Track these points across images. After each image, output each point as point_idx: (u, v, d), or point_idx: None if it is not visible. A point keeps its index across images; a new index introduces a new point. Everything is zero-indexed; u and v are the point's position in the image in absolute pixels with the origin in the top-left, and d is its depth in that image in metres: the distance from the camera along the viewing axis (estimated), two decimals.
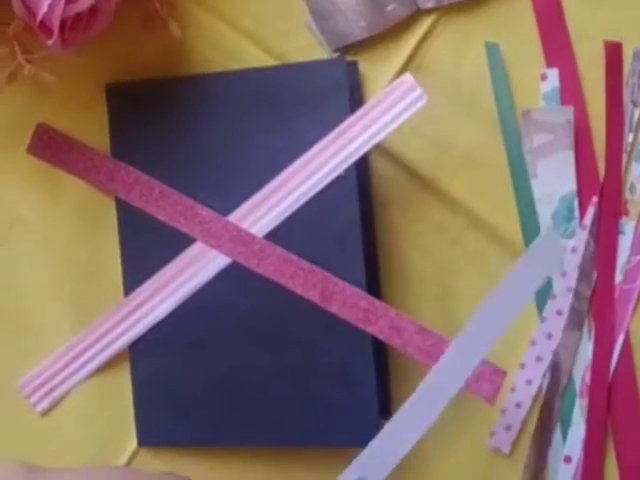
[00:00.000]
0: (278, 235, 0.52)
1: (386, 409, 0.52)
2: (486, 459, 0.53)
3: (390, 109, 0.50)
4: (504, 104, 0.53)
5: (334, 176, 0.51)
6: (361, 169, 0.52)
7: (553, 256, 0.47)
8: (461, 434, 0.53)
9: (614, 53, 0.52)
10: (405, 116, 0.50)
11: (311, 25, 0.55)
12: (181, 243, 0.53)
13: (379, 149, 0.53)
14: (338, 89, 0.51)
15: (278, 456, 0.54)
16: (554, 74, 0.53)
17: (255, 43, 0.55)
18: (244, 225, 0.52)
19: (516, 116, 0.53)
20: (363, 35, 0.54)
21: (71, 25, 0.50)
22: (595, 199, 0.53)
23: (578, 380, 0.52)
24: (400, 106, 0.50)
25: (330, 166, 0.51)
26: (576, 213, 0.53)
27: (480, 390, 0.47)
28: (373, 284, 0.52)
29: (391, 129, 0.50)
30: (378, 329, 0.50)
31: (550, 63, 0.53)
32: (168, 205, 0.53)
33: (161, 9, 0.54)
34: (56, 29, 0.48)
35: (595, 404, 0.52)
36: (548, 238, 0.48)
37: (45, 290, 0.57)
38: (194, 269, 0.53)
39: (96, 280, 0.56)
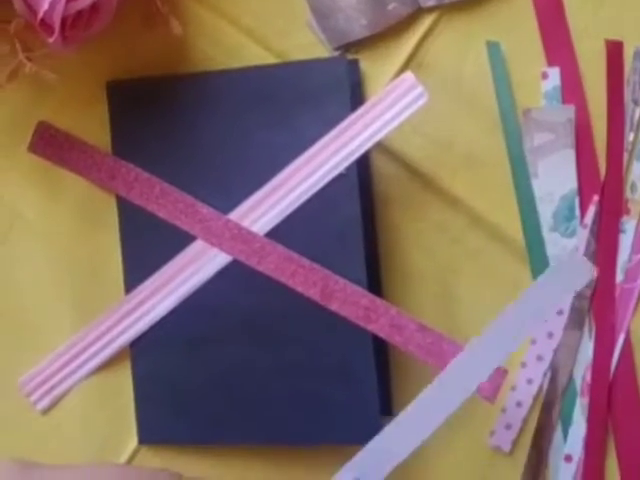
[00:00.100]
0: (279, 233, 0.52)
1: (387, 407, 0.52)
2: (486, 458, 0.53)
3: (391, 107, 0.50)
4: (505, 103, 0.53)
5: (335, 174, 0.51)
6: (362, 167, 0.52)
7: (580, 277, 0.47)
8: (461, 433, 0.53)
9: (615, 52, 0.52)
10: (406, 114, 0.50)
11: (312, 23, 0.55)
12: (182, 241, 0.53)
13: (380, 147, 0.53)
14: (339, 87, 0.51)
15: (279, 454, 0.54)
16: (555, 73, 0.53)
17: (256, 41, 0.55)
18: (245, 223, 0.52)
19: (517, 115, 0.53)
20: (364, 33, 0.54)
21: (72, 23, 0.50)
22: (596, 198, 0.53)
23: (579, 379, 0.52)
24: (401, 104, 0.50)
25: (331, 164, 0.51)
26: (577, 212, 0.53)
27: (481, 389, 0.47)
28: (374, 282, 0.52)
29: (392, 127, 0.50)
30: (379, 327, 0.50)
31: (551, 62, 0.53)
32: (169, 203, 0.53)
33: (162, 7, 0.54)
34: (57, 27, 0.48)
35: (596, 403, 0.52)
36: (578, 259, 0.48)
37: (46, 288, 0.57)
38: (195, 267, 0.53)
39: (97, 278, 0.56)
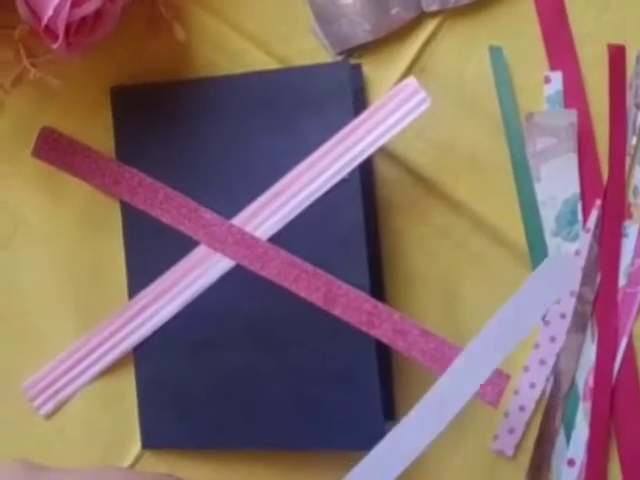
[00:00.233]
0: (282, 238, 0.52)
1: (390, 412, 0.52)
2: (489, 462, 0.53)
3: (394, 112, 0.50)
4: (507, 107, 0.53)
5: (338, 179, 0.51)
6: (365, 172, 0.52)
7: (566, 275, 0.46)
8: (464, 437, 0.53)
9: (617, 56, 0.52)
10: (409, 119, 0.50)
11: (315, 28, 0.55)
12: (185, 246, 0.53)
13: (383, 152, 0.53)
14: (342, 92, 0.51)
15: (282, 459, 0.54)
16: (557, 77, 0.53)
17: (259, 46, 0.55)
18: (248, 228, 0.53)
19: (520, 119, 0.53)
20: (367, 38, 0.54)
21: (76, 29, 0.50)
22: (598, 202, 0.53)
23: (581, 383, 0.52)
24: (404, 109, 0.50)
25: (334, 169, 0.51)
26: (579, 216, 0.53)
27: (483, 393, 0.47)
28: (377, 287, 0.52)
29: (395, 132, 0.51)
30: (382, 332, 0.50)
31: (554, 66, 0.53)
32: (172, 208, 0.53)
33: (166, 13, 0.54)
34: (61, 33, 0.48)
35: (598, 407, 0.52)
36: (562, 257, 0.48)
37: (49, 293, 0.57)
38: (198, 272, 0.53)
39: (100, 283, 0.56)
